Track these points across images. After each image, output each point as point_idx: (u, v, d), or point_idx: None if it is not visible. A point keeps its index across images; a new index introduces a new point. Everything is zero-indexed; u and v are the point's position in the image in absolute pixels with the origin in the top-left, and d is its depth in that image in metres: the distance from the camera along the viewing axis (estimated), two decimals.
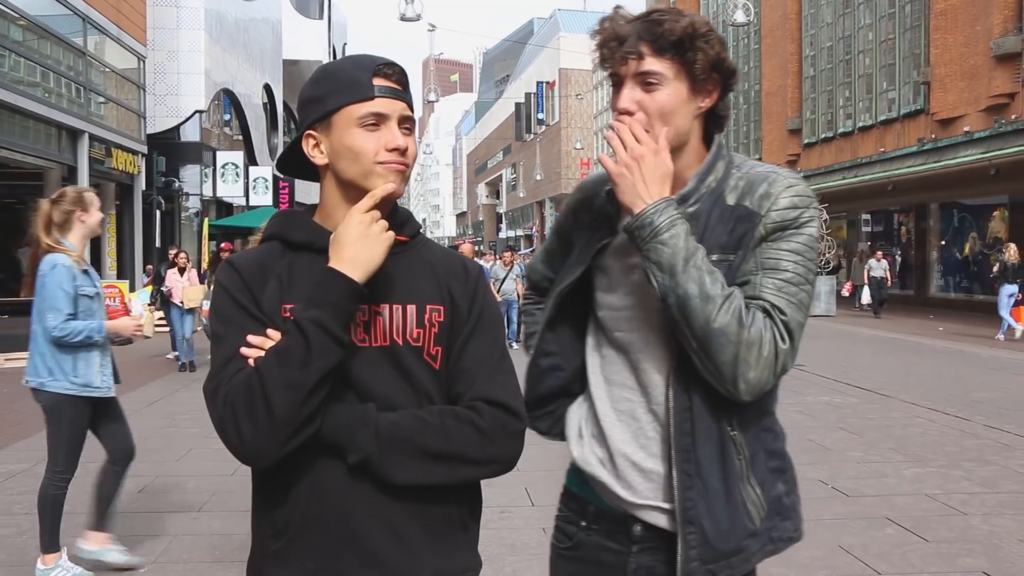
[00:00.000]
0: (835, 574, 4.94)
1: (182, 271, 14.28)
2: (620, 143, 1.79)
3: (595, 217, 1.97)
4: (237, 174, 29.79)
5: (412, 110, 1.72)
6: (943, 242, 29.09)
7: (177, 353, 14.59)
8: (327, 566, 1.63)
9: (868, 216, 34.10)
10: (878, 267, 24.98)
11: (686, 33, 1.78)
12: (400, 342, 1.68)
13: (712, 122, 1.93)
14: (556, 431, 2.04)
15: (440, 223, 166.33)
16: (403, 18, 24.88)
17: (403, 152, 1.67)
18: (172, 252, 15.95)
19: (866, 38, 33.09)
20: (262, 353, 1.58)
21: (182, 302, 13.77)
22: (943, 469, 7.25)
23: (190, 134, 27.42)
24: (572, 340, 2.02)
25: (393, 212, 1.75)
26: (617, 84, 1.85)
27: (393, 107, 1.67)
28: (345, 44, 58.64)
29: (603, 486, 1.91)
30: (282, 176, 34.28)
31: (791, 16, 38.34)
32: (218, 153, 29.68)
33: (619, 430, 1.91)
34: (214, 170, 29.29)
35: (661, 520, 1.86)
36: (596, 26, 1.88)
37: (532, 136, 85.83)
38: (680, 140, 1.85)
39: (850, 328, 21.15)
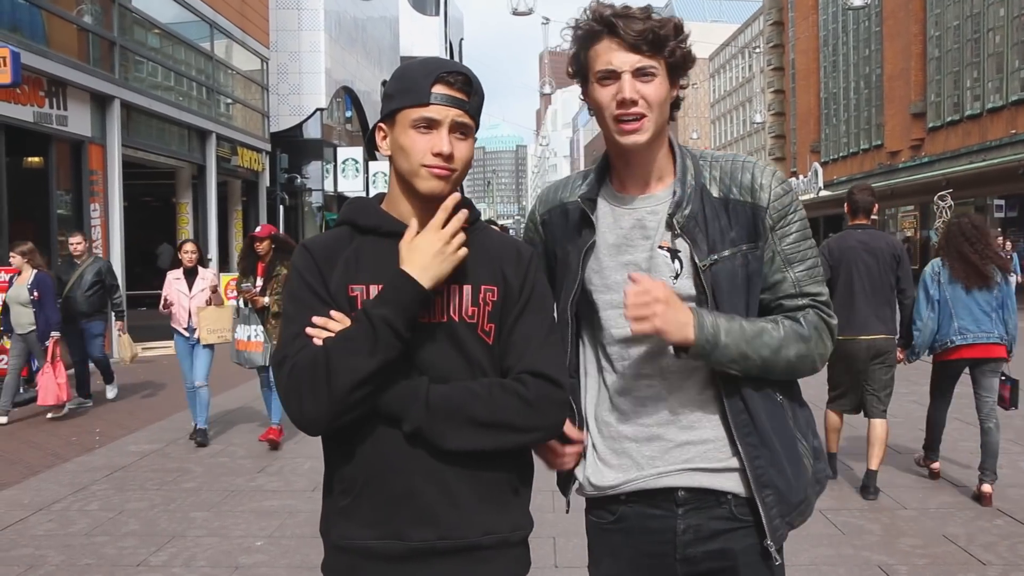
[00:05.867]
0: (936, 563, 4.89)
1: (191, 273, 8.41)
2: (634, 306, 1.87)
3: (572, 223, 2.10)
4: (357, 169, 30.52)
5: (471, 117, 1.87)
6: None
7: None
8: (385, 521, 1.81)
9: (1002, 201, 32.65)
10: None
11: (674, 33, 1.93)
12: (456, 319, 1.85)
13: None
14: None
15: None
16: (515, 12, 25.07)
17: (448, 157, 1.82)
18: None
19: (997, 15, 31.72)
20: (324, 333, 1.77)
21: (193, 329, 8.21)
22: None
23: (312, 131, 28.23)
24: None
25: None
26: (610, 75, 1.93)
27: (446, 113, 1.82)
28: (462, 39, 59.27)
29: (632, 481, 2.03)
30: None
31: None
32: (339, 149, 30.44)
33: (645, 414, 2.03)
34: (335, 166, 30.09)
35: (704, 480, 2.00)
36: (589, 16, 1.96)
37: None
38: (662, 129, 1.99)
39: None
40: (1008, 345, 6.11)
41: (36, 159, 13.86)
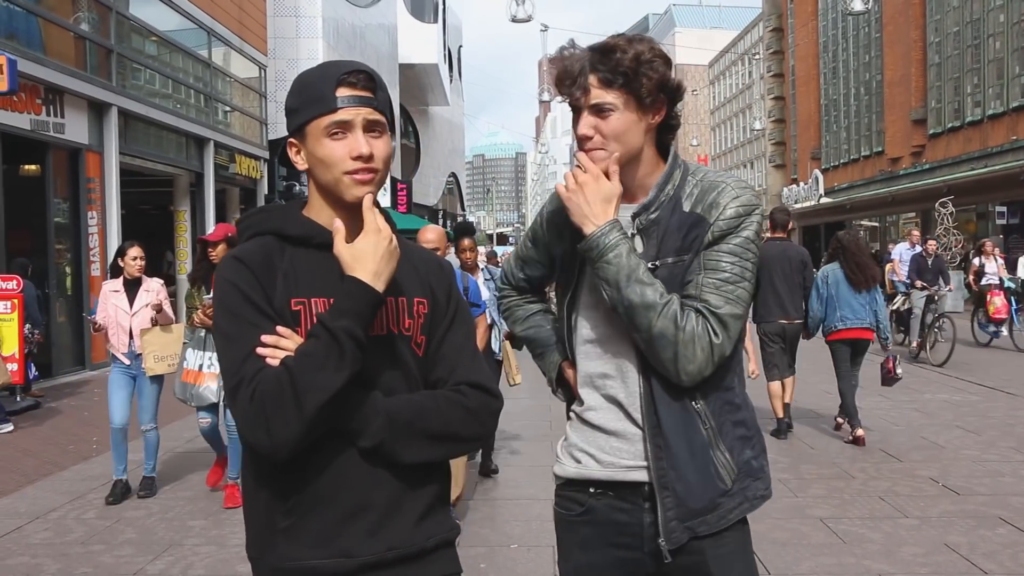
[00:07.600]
0: (937, 571, 4.86)
1: (132, 284, 6.84)
2: (571, 173, 2.06)
3: (573, 229, 2.11)
4: None
5: (382, 112, 1.83)
6: None
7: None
8: (336, 536, 1.76)
9: (1003, 208, 32.60)
10: None
11: (632, 65, 1.99)
12: (395, 331, 1.85)
13: (663, 131, 2.14)
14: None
15: None
16: (514, 19, 25.00)
17: (368, 158, 1.78)
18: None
19: (997, 20, 31.77)
20: (279, 353, 1.69)
21: (137, 354, 6.74)
22: None
23: None
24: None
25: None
26: (576, 110, 2.07)
27: (357, 113, 1.78)
28: (460, 47, 59.34)
29: (600, 471, 2.13)
30: (399, 179, 34.23)
31: (914, 2, 37.07)
32: None
33: (606, 414, 2.13)
34: None
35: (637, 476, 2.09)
36: (555, 55, 2.12)
37: None
38: (633, 154, 2.09)
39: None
40: (876, 330, 8.30)
41: (33, 167, 13.85)
